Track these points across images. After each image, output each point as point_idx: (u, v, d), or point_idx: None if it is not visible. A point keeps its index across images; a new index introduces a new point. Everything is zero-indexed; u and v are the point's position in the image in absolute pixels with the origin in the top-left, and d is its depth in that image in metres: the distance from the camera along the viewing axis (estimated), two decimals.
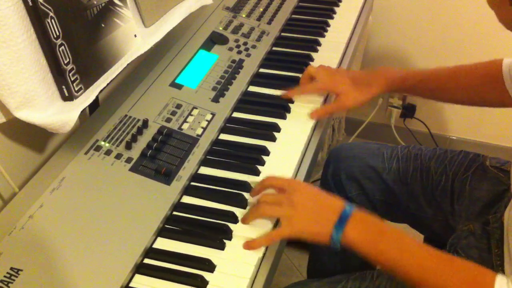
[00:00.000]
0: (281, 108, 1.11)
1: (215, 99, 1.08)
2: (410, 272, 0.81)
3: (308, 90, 1.14)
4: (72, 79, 0.87)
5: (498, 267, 0.91)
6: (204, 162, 0.97)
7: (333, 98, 1.16)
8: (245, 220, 0.87)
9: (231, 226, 0.85)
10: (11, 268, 0.74)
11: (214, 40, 1.23)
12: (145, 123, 0.98)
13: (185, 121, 1.01)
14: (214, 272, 0.79)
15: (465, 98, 1.16)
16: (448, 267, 0.80)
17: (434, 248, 0.82)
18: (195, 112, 1.04)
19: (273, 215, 0.87)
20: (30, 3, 0.79)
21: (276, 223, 0.87)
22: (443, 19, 1.86)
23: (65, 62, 0.85)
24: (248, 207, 0.90)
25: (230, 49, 1.22)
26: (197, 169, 0.96)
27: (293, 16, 1.44)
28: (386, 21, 1.93)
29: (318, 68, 1.16)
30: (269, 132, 1.04)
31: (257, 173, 0.96)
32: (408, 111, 2.07)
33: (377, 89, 1.14)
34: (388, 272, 0.87)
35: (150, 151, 0.93)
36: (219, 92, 1.10)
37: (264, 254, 0.83)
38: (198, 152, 0.96)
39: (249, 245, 0.83)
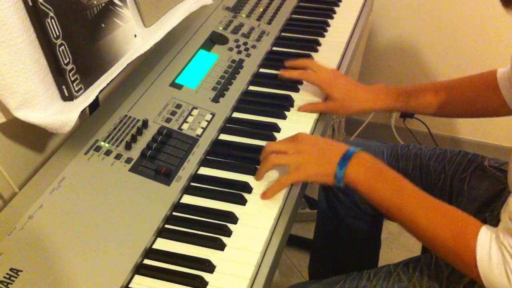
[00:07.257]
0: (281, 108, 1.11)
1: (215, 99, 1.08)
2: (402, 214, 0.86)
3: (304, 78, 1.15)
4: (72, 79, 0.87)
5: None
6: (204, 162, 0.97)
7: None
8: (258, 177, 0.92)
9: (231, 226, 0.85)
10: (11, 269, 0.74)
11: (214, 40, 1.23)
12: (145, 123, 0.98)
13: (185, 121, 1.01)
14: (214, 272, 0.79)
15: (461, 111, 1.16)
16: (437, 213, 0.83)
17: (428, 194, 0.86)
18: (195, 112, 1.04)
19: (281, 163, 0.92)
20: (30, 3, 0.79)
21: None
22: (443, 18, 1.86)
23: (65, 62, 0.85)
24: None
25: (230, 49, 1.22)
26: (197, 169, 0.96)
27: (293, 16, 1.44)
28: (386, 21, 1.93)
29: (320, 66, 1.15)
30: (269, 132, 1.04)
31: None
32: None
33: (369, 106, 1.14)
34: (384, 212, 0.90)
35: (150, 151, 0.93)
36: (219, 92, 1.10)
37: (264, 254, 0.83)
38: (198, 152, 0.96)
39: (265, 195, 0.89)
